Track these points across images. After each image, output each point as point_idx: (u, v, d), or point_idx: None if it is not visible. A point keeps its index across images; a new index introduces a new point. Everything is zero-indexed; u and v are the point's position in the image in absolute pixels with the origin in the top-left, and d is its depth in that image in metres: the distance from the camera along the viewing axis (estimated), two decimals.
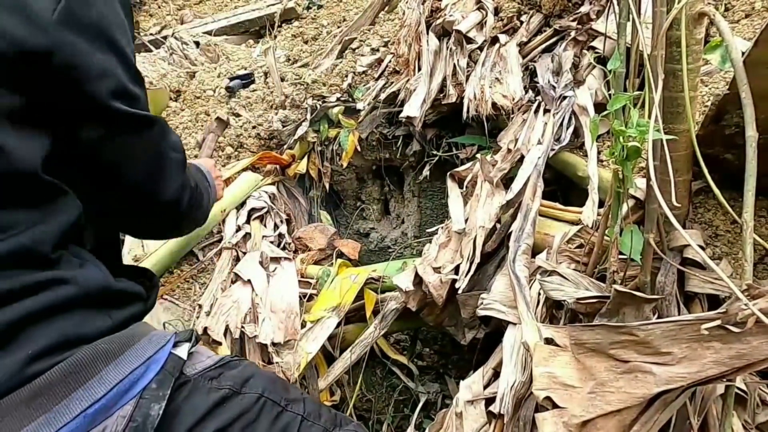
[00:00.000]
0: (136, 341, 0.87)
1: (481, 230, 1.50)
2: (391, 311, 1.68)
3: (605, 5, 1.76)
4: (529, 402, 1.17)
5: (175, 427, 0.86)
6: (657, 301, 1.11)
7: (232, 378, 0.96)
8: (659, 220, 1.11)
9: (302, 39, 3.09)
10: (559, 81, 1.76)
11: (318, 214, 2.41)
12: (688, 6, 0.97)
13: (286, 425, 0.97)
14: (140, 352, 0.87)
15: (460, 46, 1.97)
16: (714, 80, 1.51)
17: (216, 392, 0.92)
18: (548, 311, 1.29)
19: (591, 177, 1.46)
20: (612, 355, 0.98)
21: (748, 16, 1.64)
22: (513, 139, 1.72)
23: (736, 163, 1.20)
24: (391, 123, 2.19)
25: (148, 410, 0.83)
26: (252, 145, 2.36)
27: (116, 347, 0.85)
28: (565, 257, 1.34)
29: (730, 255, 1.24)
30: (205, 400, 0.90)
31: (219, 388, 0.93)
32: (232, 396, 0.94)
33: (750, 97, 0.87)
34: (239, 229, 2.05)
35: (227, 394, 0.93)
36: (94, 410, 0.78)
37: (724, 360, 0.86)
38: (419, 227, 2.28)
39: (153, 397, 0.84)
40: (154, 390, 0.84)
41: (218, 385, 0.93)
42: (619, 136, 0.98)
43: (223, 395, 0.93)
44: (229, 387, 0.94)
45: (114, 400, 0.80)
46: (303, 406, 1.02)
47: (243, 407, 0.94)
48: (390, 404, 1.92)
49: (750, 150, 0.87)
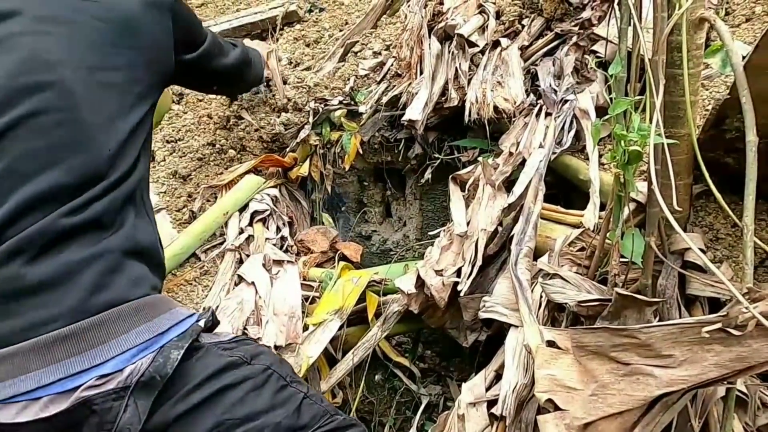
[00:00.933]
0: (175, 306, 1.07)
1: (482, 233, 1.51)
2: (393, 313, 1.69)
3: (607, 11, 1.77)
4: (531, 404, 1.18)
5: (188, 380, 0.99)
6: (658, 304, 1.12)
7: (244, 350, 1.08)
8: (660, 224, 1.12)
9: (304, 42, 3.09)
10: (560, 84, 1.77)
11: (320, 217, 2.41)
12: (689, 11, 0.98)
13: (288, 397, 1.06)
14: (176, 314, 1.05)
15: (461, 50, 1.97)
16: (715, 84, 1.52)
17: (227, 357, 1.05)
18: (550, 314, 1.29)
19: (592, 180, 1.46)
20: (613, 357, 0.98)
21: (749, 20, 1.65)
22: (515, 142, 1.72)
23: (736, 166, 1.21)
24: (393, 126, 2.20)
25: (169, 354, 0.98)
26: (254, 148, 2.37)
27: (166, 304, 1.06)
28: (567, 260, 1.34)
29: (731, 258, 1.25)
30: (217, 362, 1.03)
31: (231, 355, 1.05)
32: (242, 363, 1.06)
33: (750, 101, 0.88)
34: (242, 231, 2.06)
35: (238, 361, 1.05)
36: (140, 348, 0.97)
37: (725, 363, 0.87)
38: (421, 230, 2.29)
39: (174, 346, 1.00)
40: (176, 342, 1.01)
41: (230, 354, 1.06)
42: (621, 140, 0.99)
43: (234, 361, 1.05)
44: (240, 356, 1.06)
45: (152, 343, 0.98)
46: (306, 387, 1.12)
47: (251, 372, 1.05)
48: (392, 406, 1.93)
49: (750, 154, 0.88)
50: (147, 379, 0.95)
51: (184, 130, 2.47)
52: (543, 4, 1.97)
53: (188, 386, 0.99)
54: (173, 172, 2.34)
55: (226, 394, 1.00)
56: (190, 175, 2.34)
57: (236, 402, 1.00)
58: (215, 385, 1.00)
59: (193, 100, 2.64)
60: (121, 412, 0.93)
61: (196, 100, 2.63)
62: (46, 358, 0.91)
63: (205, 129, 2.45)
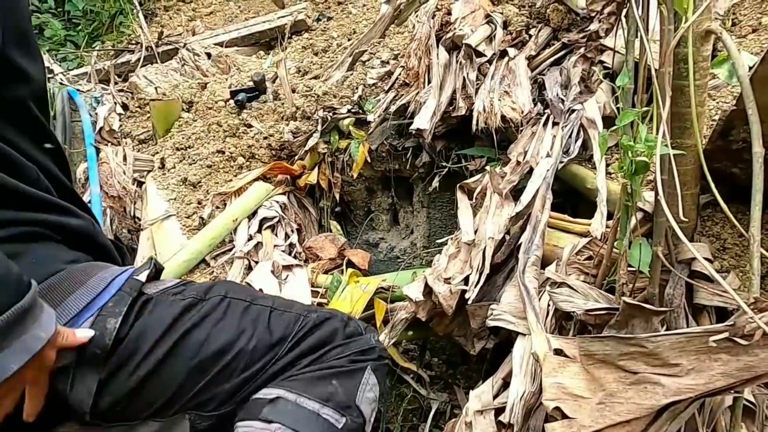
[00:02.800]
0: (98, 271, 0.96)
1: (490, 241, 1.52)
2: (401, 321, 1.70)
3: (614, 23, 1.79)
4: (538, 412, 1.18)
5: (147, 337, 0.93)
6: (665, 313, 1.12)
7: (194, 290, 1.02)
8: (667, 233, 1.13)
9: (312, 51, 3.13)
10: (567, 94, 1.78)
11: (328, 224, 2.43)
12: (696, 24, 0.99)
13: (255, 317, 1.01)
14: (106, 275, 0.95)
15: (469, 60, 1.99)
16: (722, 94, 1.52)
17: (180, 302, 0.98)
18: (557, 322, 1.30)
19: (600, 189, 1.47)
20: (621, 366, 0.99)
21: (755, 30, 1.66)
22: (522, 151, 1.74)
23: (743, 177, 1.21)
24: (401, 135, 2.22)
25: (104, 324, 0.90)
26: (263, 156, 2.39)
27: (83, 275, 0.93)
28: (575, 269, 1.35)
29: (738, 268, 1.25)
30: (170, 310, 0.96)
31: (183, 299, 0.99)
32: (196, 303, 0.99)
33: (756, 113, 0.89)
34: (251, 238, 2.07)
35: (192, 302, 0.99)
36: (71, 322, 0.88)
37: (732, 372, 0.88)
38: (428, 238, 2.30)
39: (109, 313, 0.91)
40: (110, 307, 0.92)
41: (182, 297, 0.99)
42: (628, 150, 1.00)
43: (188, 303, 0.98)
44: (193, 296, 1.00)
45: (76, 320, 0.89)
46: (271, 300, 1.06)
47: (209, 308, 0.99)
48: (399, 413, 1.93)
49: (756, 165, 0.89)
50: (87, 355, 0.88)
51: (194, 137, 2.50)
52: (550, 15, 1.99)
53: (149, 344, 0.93)
54: (183, 179, 2.36)
55: (190, 338, 0.95)
56: (199, 182, 2.36)
57: (203, 341, 0.96)
58: (175, 334, 0.94)
59: (202, 109, 2.67)
60: (68, 391, 0.88)
61: (205, 108, 2.66)
62: None
63: (214, 137, 2.48)
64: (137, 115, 2.86)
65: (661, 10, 0.99)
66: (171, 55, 3.47)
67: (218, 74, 3.13)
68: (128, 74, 3.20)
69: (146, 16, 4.09)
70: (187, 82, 2.94)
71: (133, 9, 3.92)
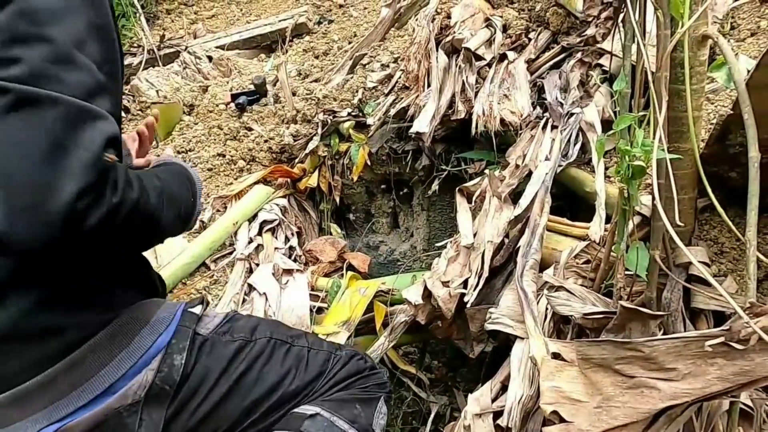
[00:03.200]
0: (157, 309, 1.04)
1: (489, 245, 1.52)
2: (401, 324, 1.70)
3: (611, 28, 1.79)
4: (536, 416, 1.19)
5: (207, 379, 1.03)
6: (663, 317, 1.13)
7: (241, 329, 1.13)
8: (665, 237, 1.13)
9: (313, 54, 3.14)
10: (566, 97, 1.79)
11: (328, 227, 2.44)
12: (692, 28, 1.00)
13: (295, 358, 1.14)
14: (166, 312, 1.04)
15: (468, 63, 2.00)
16: (720, 98, 1.53)
17: (232, 344, 1.09)
18: (555, 326, 1.30)
19: (598, 193, 1.47)
20: (618, 370, 0.99)
21: (754, 34, 1.66)
22: (521, 154, 1.74)
23: (740, 181, 1.21)
24: (401, 138, 2.22)
25: (171, 361, 1.00)
26: (264, 159, 2.40)
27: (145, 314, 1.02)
28: (572, 273, 1.35)
29: (735, 272, 1.25)
30: (224, 352, 1.07)
31: (233, 340, 1.10)
32: (246, 345, 1.10)
33: (753, 118, 0.89)
34: (251, 241, 2.08)
35: (242, 344, 1.10)
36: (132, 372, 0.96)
37: (728, 376, 0.88)
38: (428, 241, 2.30)
39: (174, 350, 1.01)
40: (174, 344, 1.02)
41: (232, 338, 1.10)
42: (625, 155, 1.00)
43: (239, 345, 1.09)
44: (242, 337, 1.11)
45: (145, 360, 0.98)
46: (306, 339, 1.20)
47: (258, 351, 1.11)
48: (399, 416, 1.94)
49: (752, 170, 0.89)
50: (156, 391, 0.98)
51: (195, 141, 2.51)
52: (549, 18, 2.00)
53: (208, 385, 1.03)
54: None
55: (244, 380, 1.06)
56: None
57: (254, 383, 1.07)
58: (232, 376, 1.05)
59: (203, 112, 2.68)
60: (136, 428, 0.96)
61: (206, 111, 2.67)
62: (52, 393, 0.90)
63: (215, 140, 2.49)
64: (139, 118, 2.87)
65: (658, 14, 0.99)
66: (173, 59, 3.48)
67: (219, 77, 3.14)
68: (130, 77, 3.21)
69: (148, 20, 4.10)
70: (189, 85, 2.95)
71: (135, 12, 3.94)
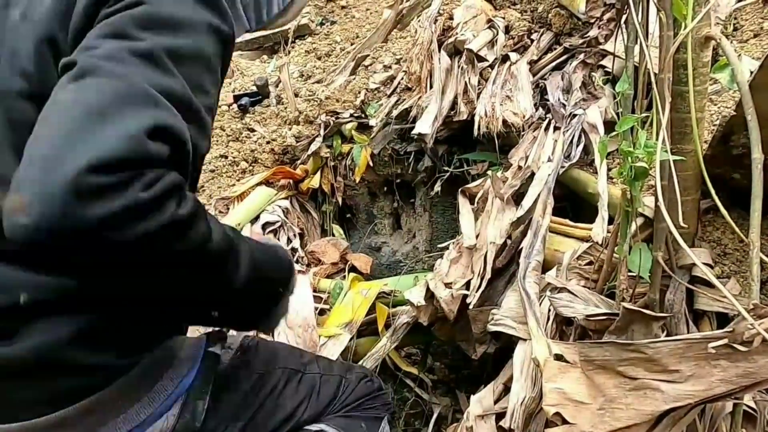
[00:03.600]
0: (179, 348, 1.00)
1: (491, 246, 1.52)
2: (403, 325, 1.70)
3: (613, 29, 1.79)
4: (539, 417, 1.18)
5: (226, 416, 1.04)
6: (665, 318, 1.12)
7: (258, 360, 1.15)
8: (668, 239, 1.13)
9: (315, 55, 3.14)
10: (569, 99, 1.79)
11: (330, 229, 2.44)
12: (695, 30, 1.00)
13: (307, 385, 1.17)
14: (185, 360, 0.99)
15: (471, 65, 2.00)
16: (723, 99, 1.52)
17: (248, 380, 1.11)
18: (558, 327, 1.30)
19: (601, 194, 1.47)
20: (621, 372, 0.99)
21: (757, 35, 1.65)
22: (523, 156, 1.74)
23: (744, 182, 1.21)
24: (403, 139, 2.22)
25: (194, 407, 0.97)
26: (266, 160, 2.40)
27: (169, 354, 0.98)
28: (575, 274, 1.35)
29: (738, 273, 1.25)
30: (244, 386, 1.09)
31: (250, 374, 1.12)
32: (262, 375, 1.13)
33: (755, 119, 0.89)
34: None
35: (258, 379, 1.12)
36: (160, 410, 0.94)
37: (731, 378, 0.88)
38: (430, 242, 2.30)
39: (197, 394, 0.98)
40: (198, 388, 0.98)
41: (249, 374, 1.12)
42: (628, 156, 1.00)
43: (255, 380, 1.12)
44: (259, 371, 1.13)
45: (167, 403, 0.94)
46: (317, 364, 1.23)
47: (273, 384, 1.13)
48: (401, 418, 1.93)
49: (756, 171, 0.89)
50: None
51: None
52: (552, 19, 2.00)
53: (226, 422, 1.04)
54: None
55: (261, 412, 1.09)
56: (203, 187, 2.37)
57: (269, 416, 1.10)
58: (248, 413, 1.07)
59: None
60: None
61: None
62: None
63: (217, 141, 2.49)
64: None
65: (660, 16, 0.99)
66: None
67: None
68: None
69: None
70: None
71: None
